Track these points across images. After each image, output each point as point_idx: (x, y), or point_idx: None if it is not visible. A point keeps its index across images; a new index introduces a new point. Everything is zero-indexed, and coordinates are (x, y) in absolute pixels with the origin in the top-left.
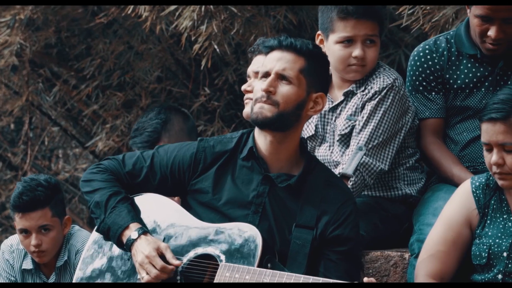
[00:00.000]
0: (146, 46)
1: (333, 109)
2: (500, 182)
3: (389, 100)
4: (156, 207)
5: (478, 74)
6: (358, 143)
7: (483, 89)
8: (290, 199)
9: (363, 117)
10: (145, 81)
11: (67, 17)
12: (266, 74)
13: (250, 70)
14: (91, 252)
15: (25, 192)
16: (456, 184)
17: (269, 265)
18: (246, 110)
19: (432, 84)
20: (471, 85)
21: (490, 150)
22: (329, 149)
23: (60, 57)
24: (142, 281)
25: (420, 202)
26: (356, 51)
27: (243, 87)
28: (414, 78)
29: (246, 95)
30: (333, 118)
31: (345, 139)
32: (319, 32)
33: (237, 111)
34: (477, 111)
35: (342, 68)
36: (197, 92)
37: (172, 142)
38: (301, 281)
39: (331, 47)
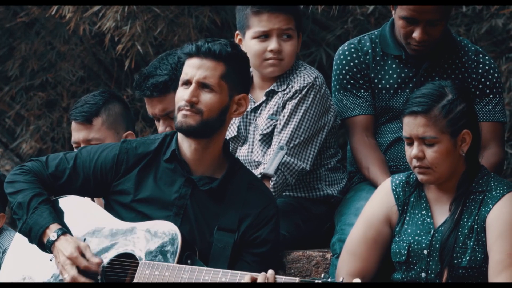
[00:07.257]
0: (68, 47)
1: (255, 109)
2: (419, 177)
3: (310, 99)
4: (78, 209)
5: (403, 75)
6: (279, 142)
7: (407, 90)
8: (212, 202)
9: (284, 116)
10: (67, 81)
11: None
12: (187, 82)
13: (151, 113)
14: (14, 253)
15: None
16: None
17: (188, 261)
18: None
19: (360, 82)
20: (396, 85)
21: (411, 144)
22: (250, 149)
23: None
24: (65, 281)
25: (342, 202)
26: (272, 45)
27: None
28: (341, 76)
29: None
30: (255, 118)
31: (267, 139)
32: (237, 31)
33: None
34: (401, 112)
35: (259, 63)
36: (119, 92)
37: (109, 122)
38: (219, 275)
39: (248, 43)
